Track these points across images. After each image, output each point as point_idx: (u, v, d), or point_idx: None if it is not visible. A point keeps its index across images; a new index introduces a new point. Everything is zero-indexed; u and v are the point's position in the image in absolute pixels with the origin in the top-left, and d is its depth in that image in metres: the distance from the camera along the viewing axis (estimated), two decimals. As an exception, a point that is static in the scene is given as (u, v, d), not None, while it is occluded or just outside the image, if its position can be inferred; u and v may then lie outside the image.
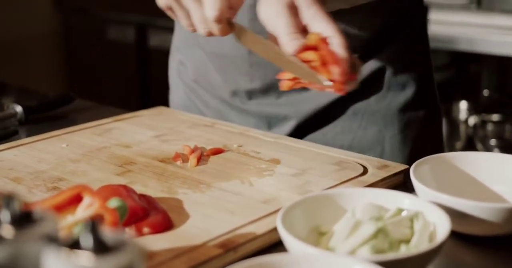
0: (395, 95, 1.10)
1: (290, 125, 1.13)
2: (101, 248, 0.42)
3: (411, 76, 1.11)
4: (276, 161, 0.94)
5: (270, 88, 1.11)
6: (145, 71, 2.90)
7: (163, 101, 1.38)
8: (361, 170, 0.90)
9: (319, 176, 0.88)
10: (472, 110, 2.16)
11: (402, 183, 0.90)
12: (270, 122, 1.14)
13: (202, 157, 0.95)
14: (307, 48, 0.79)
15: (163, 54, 2.85)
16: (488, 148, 2.07)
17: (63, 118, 1.24)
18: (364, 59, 1.10)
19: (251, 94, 1.13)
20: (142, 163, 0.94)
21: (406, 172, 0.90)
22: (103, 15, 3.04)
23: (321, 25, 0.81)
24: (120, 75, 3.00)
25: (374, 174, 0.88)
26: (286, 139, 1.04)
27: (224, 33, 0.85)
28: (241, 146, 1.00)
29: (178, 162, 0.93)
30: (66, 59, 3.26)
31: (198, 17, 0.84)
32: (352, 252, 0.64)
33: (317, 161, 0.93)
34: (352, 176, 0.88)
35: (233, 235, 0.72)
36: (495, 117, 2.12)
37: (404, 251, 0.64)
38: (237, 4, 0.86)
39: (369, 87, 1.09)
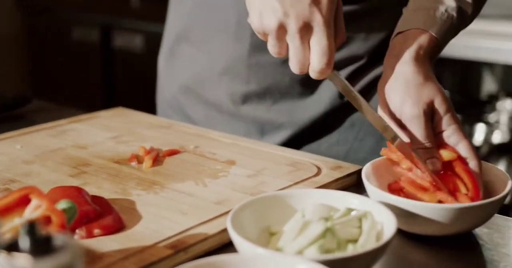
0: None
1: (284, 134, 1.10)
2: (39, 249, 0.42)
3: None
4: (232, 162, 0.94)
5: (267, 92, 1.09)
6: (109, 73, 2.88)
7: (128, 102, 1.38)
8: (315, 170, 0.91)
9: (273, 177, 0.88)
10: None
11: (355, 184, 0.91)
12: (263, 129, 1.11)
13: (158, 158, 0.95)
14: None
15: (128, 55, 2.85)
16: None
17: (21, 119, 1.23)
18: (365, 69, 1.10)
19: (246, 98, 1.10)
20: (97, 165, 0.93)
21: (359, 173, 0.91)
22: (67, 15, 3.02)
23: (461, 144, 0.80)
24: (84, 76, 2.98)
25: (328, 175, 0.89)
26: (243, 140, 1.04)
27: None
28: (197, 147, 1.00)
29: (133, 163, 0.93)
30: (29, 60, 3.23)
31: (299, 59, 0.78)
32: (300, 252, 0.64)
33: (272, 162, 0.94)
34: (306, 176, 0.89)
35: (184, 236, 0.72)
36: (456, 118, 2.15)
37: (350, 250, 0.65)
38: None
39: (368, 97, 1.08)
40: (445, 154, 0.79)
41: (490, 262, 0.71)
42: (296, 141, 1.11)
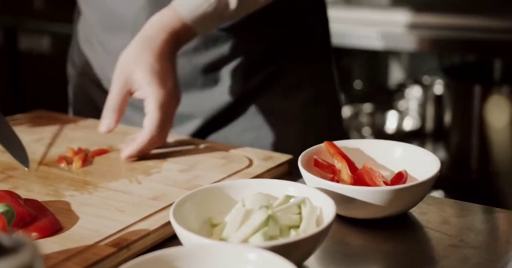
0: (297, 94, 1.12)
1: (194, 124, 1.12)
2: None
3: (312, 75, 1.14)
4: (163, 159, 0.94)
5: None
6: (16, 75, 2.79)
7: (37, 104, 1.34)
8: (247, 162, 0.92)
9: (206, 171, 0.89)
10: (346, 102, 2.24)
11: (287, 173, 0.93)
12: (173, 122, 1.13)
13: (87, 158, 0.94)
14: None
15: (33, 57, 2.77)
16: (362, 137, 2.16)
17: None
18: (267, 59, 1.12)
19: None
20: (24, 168, 0.91)
21: (290, 162, 0.93)
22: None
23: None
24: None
25: (260, 166, 0.91)
26: (171, 136, 1.04)
27: None
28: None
29: (62, 165, 0.92)
30: None
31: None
32: (245, 241, 0.65)
33: (203, 156, 0.94)
34: (239, 168, 0.90)
35: (125, 233, 0.72)
36: (367, 107, 2.22)
37: (293, 236, 0.67)
38: None
39: (272, 86, 1.11)
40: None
41: (424, 240, 0.74)
42: (205, 131, 1.14)
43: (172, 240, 0.73)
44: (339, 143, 0.85)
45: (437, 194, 1.83)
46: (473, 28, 1.88)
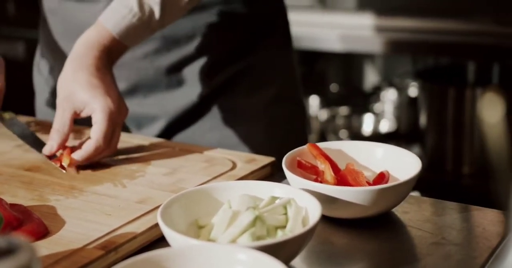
0: (260, 93, 1.14)
1: (159, 125, 1.14)
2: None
3: (275, 74, 1.16)
4: (147, 162, 0.94)
5: (136, 88, 1.12)
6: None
7: (15, 111, 1.33)
8: (230, 165, 0.93)
9: (190, 173, 0.90)
10: (322, 105, 2.26)
11: (270, 175, 0.94)
12: (139, 123, 1.15)
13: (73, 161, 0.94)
14: None
15: (10, 63, 2.75)
16: (339, 139, 2.18)
17: None
18: (229, 59, 1.13)
19: None
20: (7, 173, 0.91)
21: (273, 164, 0.94)
22: None
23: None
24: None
25: (243, 168, 0.92)
26: (153, 140, 1.05)
27: None
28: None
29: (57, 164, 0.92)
30: None
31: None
32: (233, 241, 0.66)
33: (187, 160, 0.95)
34: (223, 171, 0.90)
35: (113, 236, 0.72)
36: (343, 110, 2.24)
37: (280, 236, 0.68)
38: None
39: (235, 85, 1.13)
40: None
41: (407, 239, 0.76)
42: (171, 131, 1.15)
43: (159, 242, 0.74)
44: (321, 145, 0.86)
45: (414, 194, 1.85)
46: (447, 31, 1.92)
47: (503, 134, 1.73)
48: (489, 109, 1.82)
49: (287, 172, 0.79)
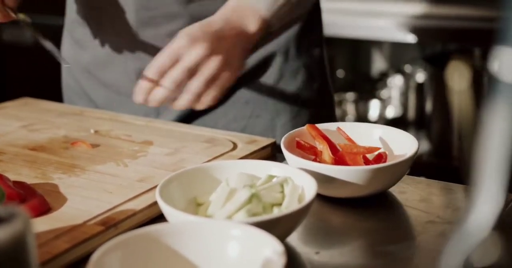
0: (287, 83, 1.14)
1: (179, 111, 1.12)
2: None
3: (302, 63, 1.15)
4: (149, 143, 0.96)
5: None
6: (1, 67, 2.79)
7: (22, 95, 1.35)
8: (231, 145, 0.94)
9: (191, 154, 0.91)
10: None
11: (271, 156, 0.95)
12: (159, 108, 1.13)
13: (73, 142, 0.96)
14: None
15: (18, 49, 2.77)
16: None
17: None
18: (259, 46, 1.13)
19: (141, 76, 1.12)
20: (12, 153, 0.93)
21: (273, 145, 0.95)
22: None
23: None
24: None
25: (244, 149, 0.93)
26: (157, 122, 1.06)
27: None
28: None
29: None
30: None
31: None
32: (229, 217, 0.68)
33: (188, 140, 0.96)
34: (223, 151, 0.92)
35: (113, 213, 0.74)
36: (350, 96, 2.25)
37: (276, 212, 0.69)
38: None
39: (260, 74, 1.12)
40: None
41: (402, 218, 0.77)
42: (191, 117, 1.14)
43: (158, 219, 0.75)
44: (320, 126, 0.87)
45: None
46: (454, 17, 1.91)
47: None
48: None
49: (285, 152, 0.80)
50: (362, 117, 2.22)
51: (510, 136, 0.40)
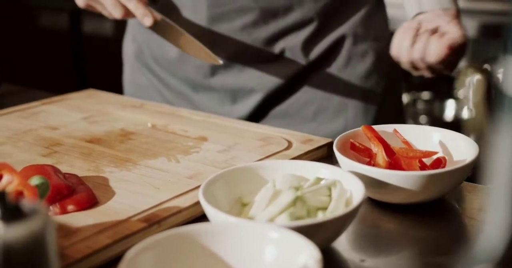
0: (356, 65, 1.13)
1: (255, 99, 1.14)
2: (10, 216, 0.43)
3: (370, 45, 1.14)
4: (204, 139, 0.95)
5: (233, 61, 1.12)
6: (79, 58, 2.86)
7: (100, 86, 1.37)
8: (285, 144, 0.92)
9: (244, 152, 0.90)
10: (404, 89, 2.21)
11: (326, 156, 0.92)
12: (235, 97, 1.15)
13: (129, 136, 0.96)
14: None
15: (97, 41, 2.83)
16: (418, 125, 2.13)
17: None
18: (326, 31, 1.12)
19: (214, 69, 1.13)
20: (69, 144, 0.94)
21: (329, 145, 0.93)
22: (34, 2, 2.99)
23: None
24: (54, 62, 2.95)
25: (298, 148, 0.91)
26: (214, 117, 1.05)
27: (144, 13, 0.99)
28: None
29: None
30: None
31: (110, 3, 1.02)
32: (271, 220, 0.66)
33: (243, 138, 0.95)
34: (277, 150, 0.90)
35: (157, 210, 0.73)
36: (425, 95, 2.18)
37: (319, 217, 0.66)
38: None
39: (330, 57, 1.12)
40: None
41: (456, 227, 0.73)
42: (267, 105, 1.14)
43: (203, 219, 0.74)
44: (377, 128, 0.84)
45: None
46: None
47: None
48: None
49: (337, 153, 0.77)
50: (436, 118, 2.15)
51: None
